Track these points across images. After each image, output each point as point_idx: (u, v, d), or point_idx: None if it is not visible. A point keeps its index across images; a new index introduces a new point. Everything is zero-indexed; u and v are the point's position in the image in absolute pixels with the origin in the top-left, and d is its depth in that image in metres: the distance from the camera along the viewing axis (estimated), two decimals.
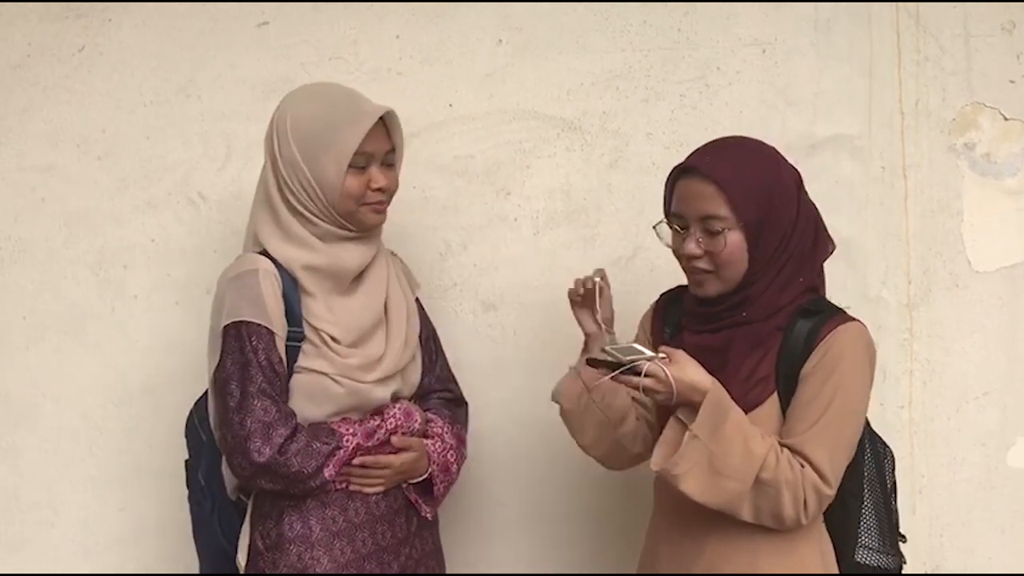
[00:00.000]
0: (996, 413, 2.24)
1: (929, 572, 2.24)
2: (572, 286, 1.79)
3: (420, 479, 1.84)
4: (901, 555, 1.74)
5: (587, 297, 1.76)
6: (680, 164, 1.66)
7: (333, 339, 1.74)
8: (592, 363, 1.59)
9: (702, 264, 1.63)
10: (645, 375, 1.53)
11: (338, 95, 1.78)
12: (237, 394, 1.70)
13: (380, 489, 1.79)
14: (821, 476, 1.54)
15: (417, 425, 1.84)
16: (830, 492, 1.56)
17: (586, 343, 1.80)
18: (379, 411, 1.81)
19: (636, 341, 1.80)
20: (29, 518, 2.32)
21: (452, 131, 2.24)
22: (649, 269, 2.22)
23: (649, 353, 1.56)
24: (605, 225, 2.25)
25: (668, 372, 1.53)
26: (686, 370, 1.54)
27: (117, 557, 2.32)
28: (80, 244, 2.28)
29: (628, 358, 1.54)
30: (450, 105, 2.24)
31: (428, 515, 1.86)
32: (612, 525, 2.28)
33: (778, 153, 1.68)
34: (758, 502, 1.55)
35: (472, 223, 2.25)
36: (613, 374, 1.55)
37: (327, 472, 1.73)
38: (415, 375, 1.90)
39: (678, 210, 1.65)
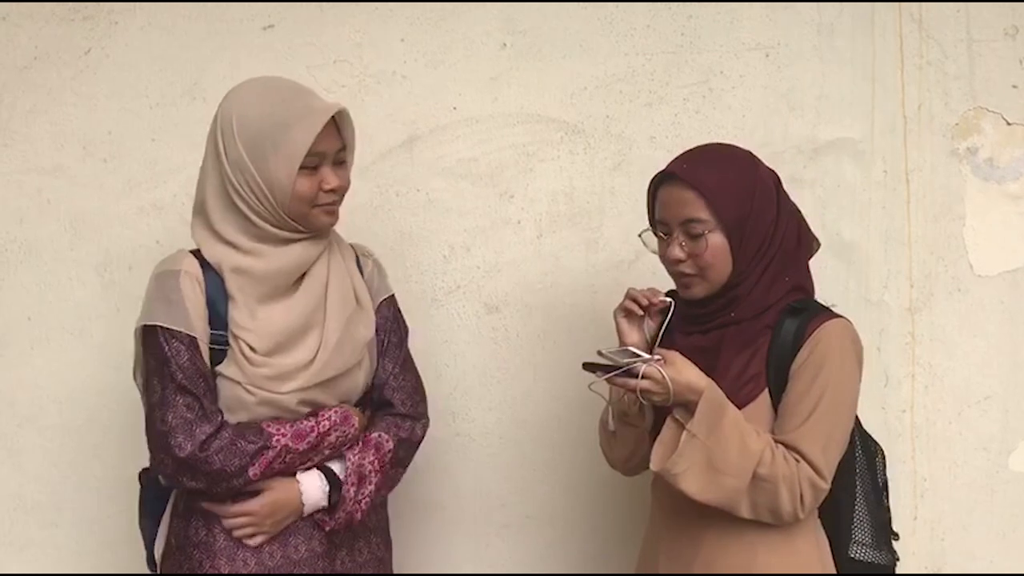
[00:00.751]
0: (998, 417, 2.25)
1: (930, 574, 2.24)
2: (629, 297, 1.72)
3: (319, 509, 1.72)
4: (894, 552, 1.75)
5: (648, 311, 1.72)
6: (659, 172, 1.69)
7: (250, 347, 1.66)
8: (588, 367, 1.59)
9: (686, 268, 1.66)
10: (642, 377, 1.55)
11: (286, 92, 1.67)
12: (159, 390, 1.65)
13: (261, 540, 1.69)
14: (816, 470, 1.57)
15: (353, 431, 1.74)
16: (825, 486, 1.58)
17: None
18: (315, 412, 1.72)
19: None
20: (33, 519, 2.32)
21: (456, 134, 2.25)
22: (651, 272, 2.21)
23: (645, 355, 1.57)
24: (608, 228, 2.26)
25: (665, 373, 1.55)
26: (682, 371, 1.57)
27: (120, 558, 2.32)
28: (85, 246, 2.28)
29: (624, 360, 1.56)
30: (454, 108, 2.25)
31: (328, 526, 1.73)
32: (613, 526, 2.29)
33: (754, 156, 1.71)
34: (756, 498, 1.57)
35: (475, 226, 2.26)
36: (608, 375, 1.56)
37: (252, 472, 1.66)
38: (358, 380, 1.78)
39: (661, 217, 1.68)
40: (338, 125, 1.68)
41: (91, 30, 2.24)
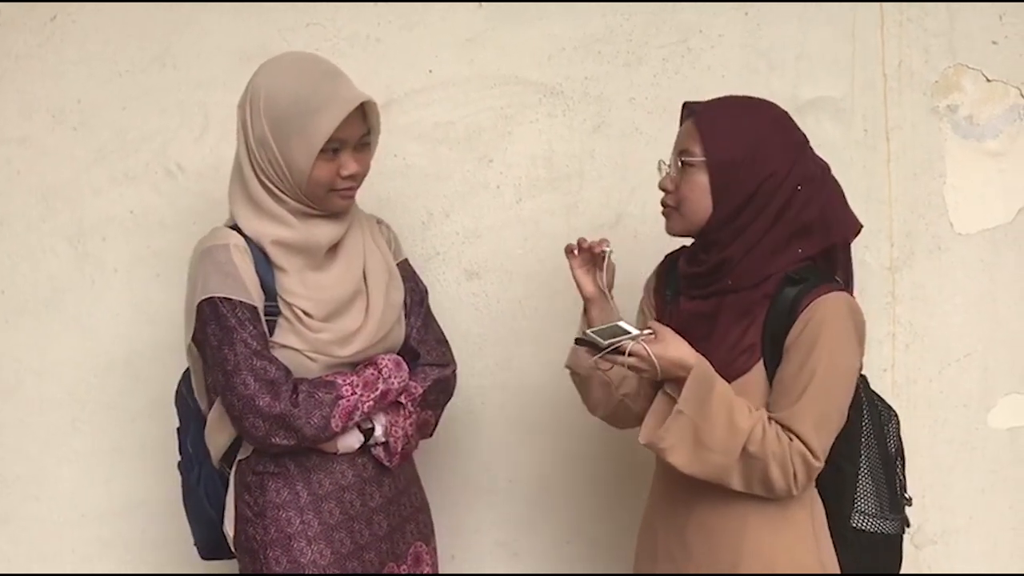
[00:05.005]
0: (978, 375, 2.26)
1: (910, 532, 2.26)
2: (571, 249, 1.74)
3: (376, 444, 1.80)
4: (903, 518, 1.73)
5: (589, 259, 1.73)
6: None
7: (306, 314, 1.71)
8: (579, 342, 1.61)
9: (669, 200, 1.66)
10: (629, 354, 1.55)
11: (317, 75, 1.69)
12: (232, 358, 1.66)
13: None
14: (809, 448, 1.55)
15: (406, 375, 1.81)
16: (818, 464, 1.56)
17: (586, 307, 1.76)
18: (371, 361, 1.78)
19: (642, 304, 1.84)
20: (13, 492, 2.31)
21: (432, 97, 2.22)
22: (632, 235, 2.21)
23: (634, 331, 1.57)
24: (588, 191, 2.24)
25: (650, 351, 1.55)
26: (669, 348, 1.56)
27: (102, 530, 2.32)
28: (58, 217, 2.25)
29: (607, 341, 1.56)
30: (430, 71, 2.22)
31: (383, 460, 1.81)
32: (596, 491, 2.29)
33: (784, 116, 1.67)
34: (747, 473, 1.57)
35: (454, 191, 2.24)
36: (598, 355, 1.57)
37: (334, 424, 1.71)
38: (398, 335, 1.86)
39: (672, 150, 1.69)
40: (364, 110, 1.70)
41: None
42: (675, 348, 1.56)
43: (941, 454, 2.27)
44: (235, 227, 1.74)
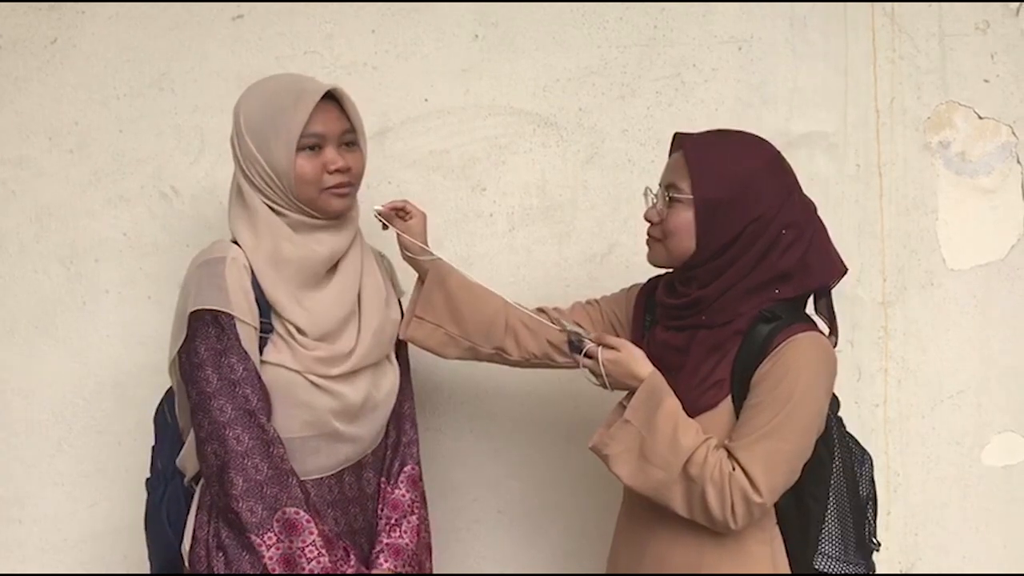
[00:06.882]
0: (971, 412, 2.25)
1: (903, 571, 2.23)
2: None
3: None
4: (869, 564, 1.70)
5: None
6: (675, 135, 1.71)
7: (299, 331, 1.68)
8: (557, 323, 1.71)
9: (654, 231, 1.66)
10: (586, 355, 1.60)
11: (283, 82, 1.73)
12: (214, 380, 1.62)
13: None
14: (752, 484, 1.51)
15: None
16: (759, 500, 1.51)
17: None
18: (347, 552, 1.71)
19: (616, 303, 1.86)
20: None
21: (427, 126, 2.23)
22: (624, 266, 2.22)
23: (589, 334, 1.63)
24: (580, 221, 2.25)
25: (601, 357, 1.58)
26: (622, 358, 1.58)
27: (85, 554, 2.28)
28: (51, 238, 2.25)
29: (570, 328, 1.65)
30: (426, 100, 2.23)
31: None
32: (586, 521, 2.27)
33: (775, 156, 1.65)
34: (687, 496, 1.55)
35: (447, 219, 2.24)
36: (566, 344, 1.67)
37: (265, 540, 1.61)
38: (391, 379, 1.83)
39: (660, 179, 1.69)
40: (344, 108, 1.70)
41: (58, 19, 2.21)
42: (629, 360, 1.58)
43: (934, 492, 2.25)
44: (236, 243, 1.72)
